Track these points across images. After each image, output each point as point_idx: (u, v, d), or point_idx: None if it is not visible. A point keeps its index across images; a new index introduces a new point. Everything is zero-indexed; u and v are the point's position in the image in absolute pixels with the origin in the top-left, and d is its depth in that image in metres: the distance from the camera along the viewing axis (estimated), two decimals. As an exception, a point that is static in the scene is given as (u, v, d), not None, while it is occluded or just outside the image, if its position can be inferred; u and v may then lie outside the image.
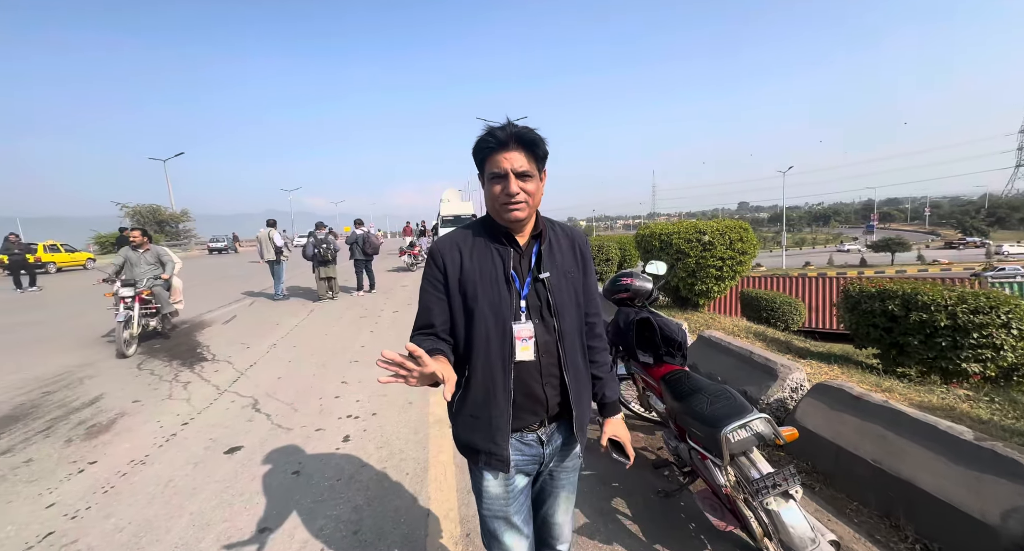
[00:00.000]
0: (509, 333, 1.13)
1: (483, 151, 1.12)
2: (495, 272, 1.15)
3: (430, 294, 1.18)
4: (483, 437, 1.16)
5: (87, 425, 3.40)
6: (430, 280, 1.19)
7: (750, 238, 6.58)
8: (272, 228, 9.63)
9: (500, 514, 1.22)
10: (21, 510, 2.36)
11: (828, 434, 2.34)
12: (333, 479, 2.59)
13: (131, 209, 33.32)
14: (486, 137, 1.11)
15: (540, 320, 1.17)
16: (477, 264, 1.16)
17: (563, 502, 1.33)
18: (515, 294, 1.15)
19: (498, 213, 1.15)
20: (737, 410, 1.69)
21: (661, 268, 2.69)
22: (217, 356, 5.19)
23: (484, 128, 1.12)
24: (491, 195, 1.13)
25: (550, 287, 1.18)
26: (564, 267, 1.22)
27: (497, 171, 1.10)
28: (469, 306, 1.14)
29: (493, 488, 1.21)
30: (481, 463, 1.19)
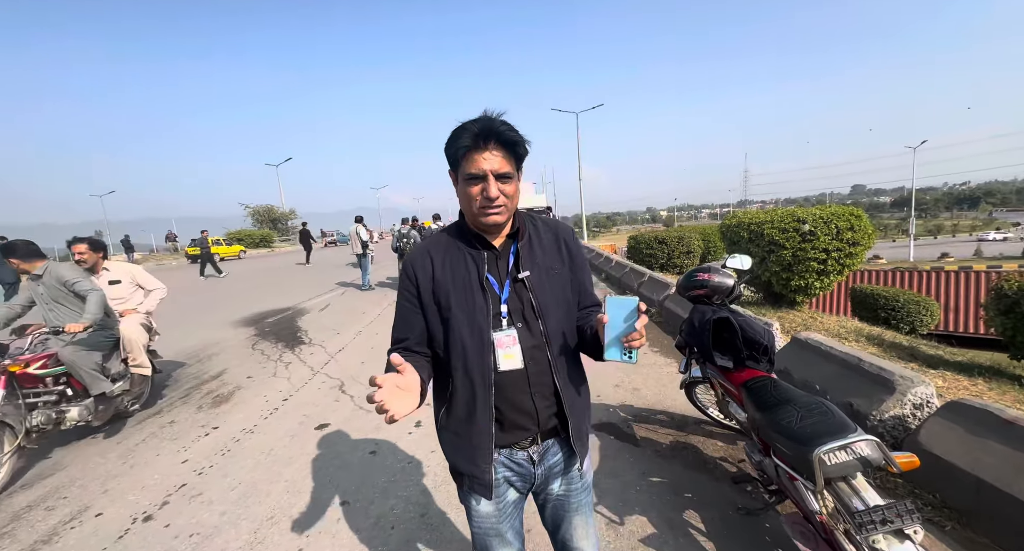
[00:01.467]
0: (488, 343, 1.04)
1: (458, 148, 1.00)
2: (469, 278, 1.07)
3: (404, 306, 1.13)
4: (465, 458, 1.09)
5: (213, 395, 4.02)
6: (403, 292, 1.13)
7: (863, 226, 5.65)
8: (360, 224, 10.51)
9: (492, 532, 1.15)
10: (164, 462, 2.87)
11: (965, 463, 1.92)
12: (405, 462, 2.75)
13: (252, 209, 38.72)
14: (462, 133, 0.99)
15: (524, 324, 1.07)
16: (450, 271, 1.08)
17: (579, 527, 1.22)
18: (493, 299, 1.07)
19: (474, 217, 1.05)
20: (835, 428, 1.44)
21: (745, 262, 2.40)
22: (313, 340, 5.81)
23: (459, 122, 1.01)
24: (467, 197, 1.03)
25: (531, 287, 1.08)
26: (546, 263, 1.12)
27: (475, 172, 0.99)
28: (444, 316, 1.07)
29: (484, 506, 1.13)
30: (465, 486, 1.12)
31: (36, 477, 2.76)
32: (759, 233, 5.98)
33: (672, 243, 11.67)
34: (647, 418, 3.16)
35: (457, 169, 1.04)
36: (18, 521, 2.34)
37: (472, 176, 1.00)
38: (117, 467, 2.83)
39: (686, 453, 2.67)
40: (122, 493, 2.54)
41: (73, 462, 2.92)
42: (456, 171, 1.05)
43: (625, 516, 2.15)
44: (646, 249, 11.83)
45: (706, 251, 12.95)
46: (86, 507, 2.43)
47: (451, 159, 1.04)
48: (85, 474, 2.77)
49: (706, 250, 12.93)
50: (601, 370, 4.14)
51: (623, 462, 2.61)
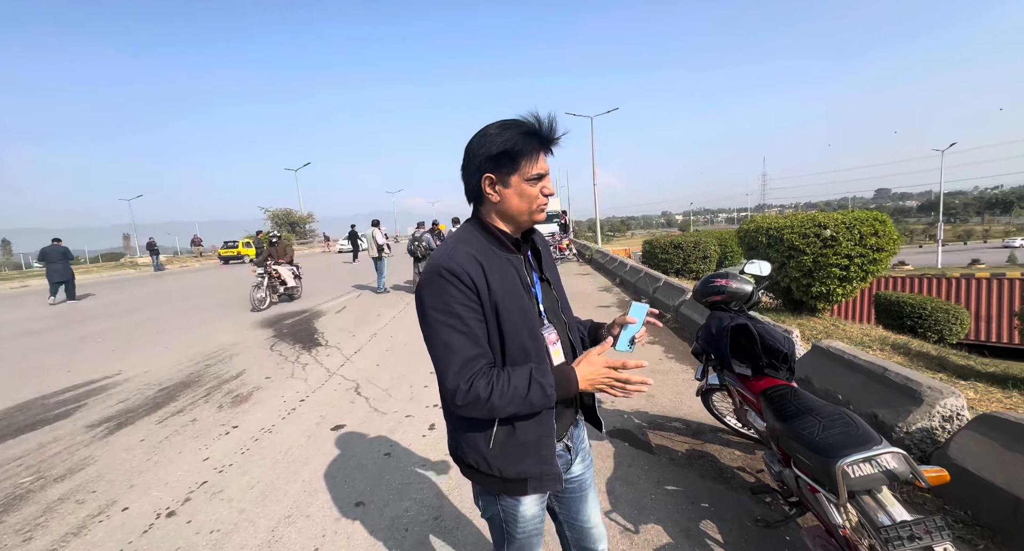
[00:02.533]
0: (543, 344, 1.07)
1: (526, 147, 1.00)
2: (515, 282, 1.06)
3: (471, 318, 0.99)
4: (534, 461, 1.06)
5: (233, 395, 4.11)
6: (463, 303, 0.98)
7: (888, 232, 5.50)
8: (376, 228, 10.67)
9: (535, 532, 1.19)
10: (186, 459, 2.94)
11: (1000, 480, 1.84)
12: (419, 464, 2.77)
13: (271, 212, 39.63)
14: (527, 134, 1.00)
15: (556, 320, 1.15)
16: (499, 276, 1.03)
17: (594, 504, 1.30)
18: (534, 300, 1.10)
19: (530, 215, 1.06)
20: (859, 439, 1.40)
21: (764, 268, 2.36)
22: (329, 342, 5.91)
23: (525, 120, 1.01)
24: (528, 196, 1.03)
25: (554, 285, 1.17)
26: (549, 264, 1.21)
27: (542, 172, 1.03)
28: (502, 322, 1.02)
29: (530, 509, 1.14)
30: (530, 489, 1.08)
31: (68, 471, 2.87)
32: (779, 238, 5.87)
33: (688, 248, 11.53)
34: (662, 425, 3.11)
35: (510, 169, 1.01)
36: (51, 513, 2.43)
37: (540, 175, 1.03)
38: (142, 463, 2.92)
39: (703, 462, 2.62)
40: (147, 489, 2.62)
41: (102, 457, 3.03)
42: (506, 171, 1.02)
43: (640, 524, 2.12)
44: (661, 254, 11.71)
45: (723, 256, 12.75)
46: (113, 501, 2.51)
47: (504, 157, 1.00)
48: (113, 469, 2.86)
49: (723, 255, 12.73)
50: (615, 376, 4.11)
51: (638, 470, 2.58)
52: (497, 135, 1.00)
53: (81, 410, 3.91)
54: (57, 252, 11.16)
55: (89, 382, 4.67)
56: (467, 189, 1.09)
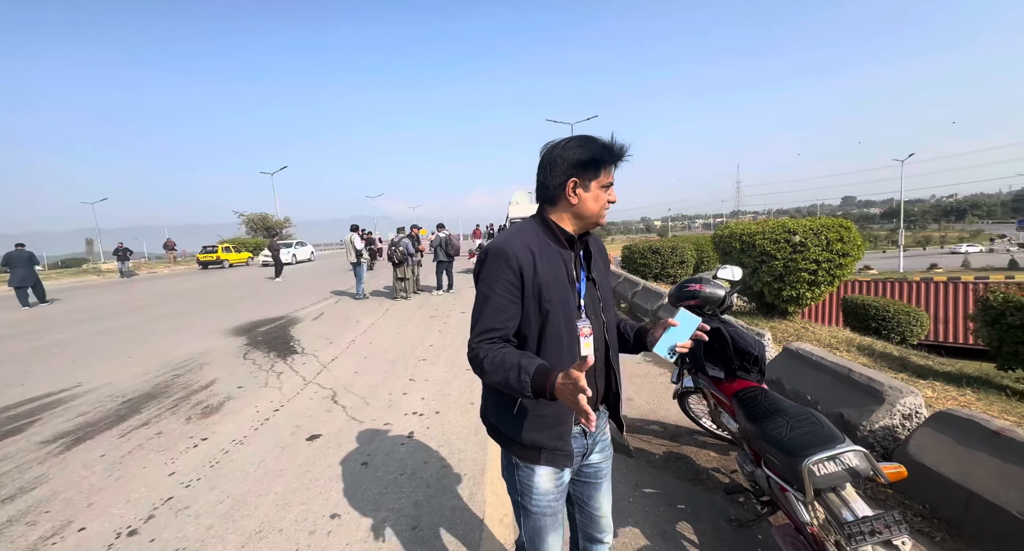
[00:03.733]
0: (575, 334, 1.20)
1: (608, 159, 1.18)
2: (561, 273, 1.20)
3: (503, 297, 1.15)
4: (550, 435, 1.20)
5: (202, 406, 3.96)
6: (503, 282, 1.15)
7: (853, 238, 5.76)
8: (354, 233, 10.51)
9: (549, 510, 1.26)
10: (151, 474, 2.81)
11: (954, 474, 1.94)
12: (397, 473, 2.72)
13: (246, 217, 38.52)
14: (607, 149, 1.17)
15: (595, 316, 1.26)
16: (548, 266, 1.18)
17: (606, 494, 1.39)
18: (576, 294, 1.23)
19: (596, 216, 1.22)
20: (824, 439, 1.46)
21: (736, 273, 2.44)
22: (305, 350, 5.76)
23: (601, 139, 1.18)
24: (598, 200, 1.20)
25: (599, 284, 1.29)
26: (601, 268, 1.33)
27: (611, 181, 1.21)
28: (544, 307, 1.16)
29: (545, 483, 1.24)
30: (543, 460, 1.22)
31: (18, 490, 2.69)
32: (751, 244, 6.07)
33: (666, 253, 11.77)
34: (641, 428, 3.15)
35: (592, 175, 1.18)
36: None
37: (610, 184, 1.21)
38: (102, 480, 2.77)
39: (679, 464, 2.66)
40: (107, 507, 2.48)
41: (57, 475, 2.86)
42: (588, 177, 1.18)
43: (618, 527, 2.13)
44: (640, 259, 11.91)
45: (699, 261, 13.06)
46: (69, 521, 2.37)
47: (590, 164, 1.17)
48: (69, 487, 2.70)
49: (699, 260, 13.04)
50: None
51: (617, 473, 2.60)
52: (583, 146, 1.17)
53: (35, 425, 3.68)
54: (22, 257, 10.86)
55: (45, 395, 4.41)
56: (546, 190, 1.23)
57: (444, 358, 5.10)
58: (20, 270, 10.77)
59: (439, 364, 4.90)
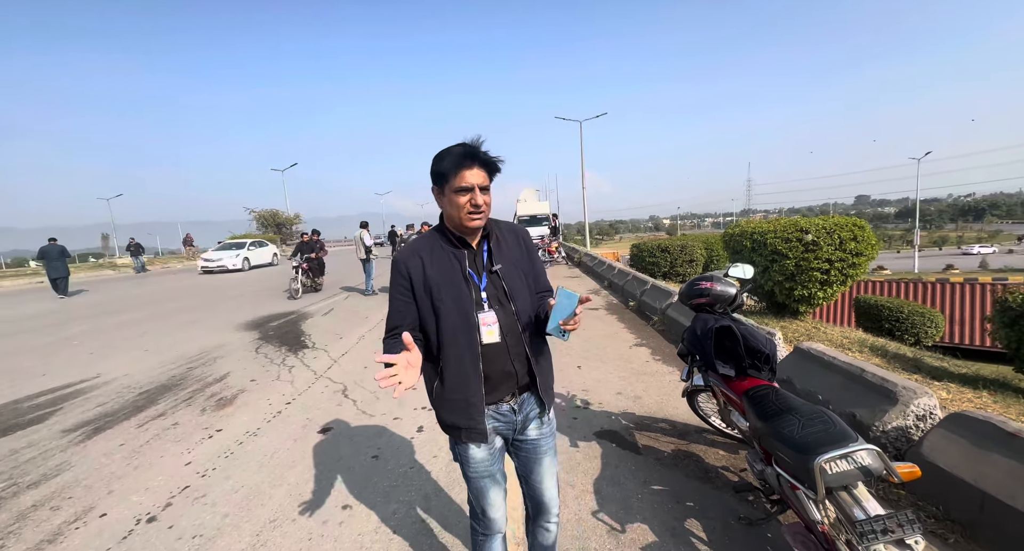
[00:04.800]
0: (474, 322, 1.30)
1: (451, 166, 1.24)
2: (454, 272, 1.31)
3: (398, 299, 1.34)
4: (463, 416, 1.33)
5: (217, 398, 4.04)
6: (397, 287, 1.34)
7: (866, 237, 5.66)
8: (364, 229, 10.59)
9: (486, 474, 1.42)
10: (168, 464, 2.88)
11: (968, 476, 1.92)
12: (407, 466, 2.76)
13: (257, 213, 38.99)
14: (447, 154, 1.25)
15: (500, 306, 1.35)
16: (437, 267, 1.31)
17: (548, 467, 1.50)
18: (474, 288, 1.33)
19: (461, 221, 1.29)
20: (836, 437, 1.45)
21: (747, 271, 2.42)
22: (316, 344, 5.84)
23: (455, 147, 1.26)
24: (456, 205, 1.26)
25: (503, 276, 1.37)
26: (512, 258, 1.41)
27: (465, 185, 1.24)
28: (436, 305, 1.30)
29: (477, 453, 1.40)
30: (463, 438, 1.37)
31: (42, 477, 2.78)
32: (762, 242, 6.00)
33: (675, 251, 11.68)
34: (649, 426, 3.16)
35: (444, 184, 1.27)
36: (24, 520, 2.36)
37: (463, 188, 1.25)
38: (122, 468, 2.85)
39: (688, 462, 2.66)
40: (126, 494, 2.55)
41: (79, 462, 2.95)
42: (442, 185, 1.28)
43: (627, 524, 2.15)
44: (649, 257, 11.84)
45: (709, 260, 12.95)
46: (91, 507, 2.44)
47: (439, 175, 1.28)
48: (91, 474, 2.79)
49: (709, 259, 12.93)
50: (603, 378, 4.15)
51: (625, 470, 2.61)
52: (435, 160, 1.28)
53: (57, 414, 3.80)
54: (55, 251, 12.13)
55: (66, 385, 4.53)
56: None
57: (453, 354, 5.14)
58: (55, 262, 11.92)
59: (448, 360, 4.94)
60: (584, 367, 4.50)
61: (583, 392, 3.84)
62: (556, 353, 3.59)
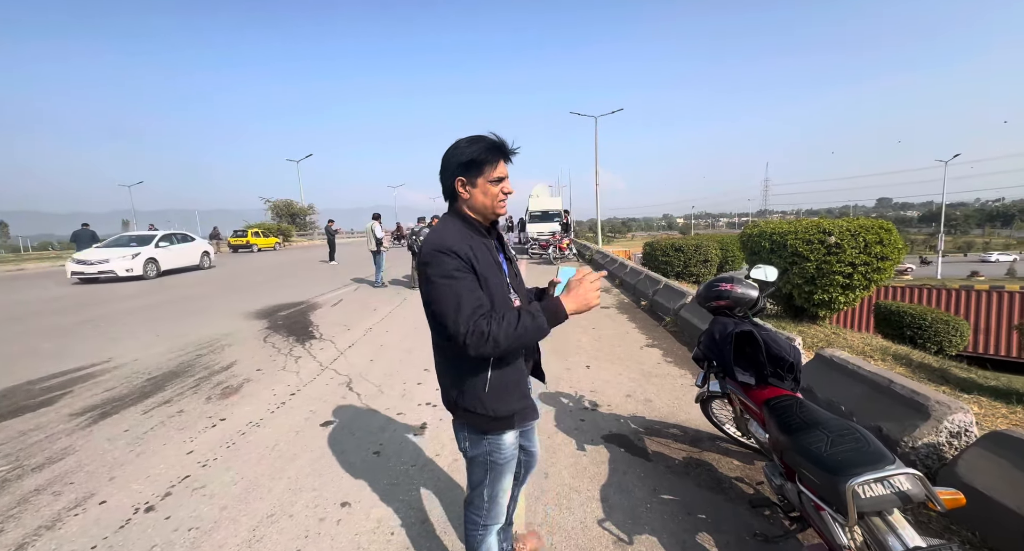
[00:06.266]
0: (511, 305, 1.35)
1: (489, 156, 1.30)
2: (491, 260, 1.35)
3: (466, 280, 1.25)
4: (518, 397, 1.39)
5: (222, 386, 4.03)
6: (460, 270, 1.25)
7: (893, 241, 5.42)
8: (376, 221, 10.57)
9: (513, 457, 1.47)
10: (170, 452, 2.86)
11: (1010, 501, 1.77)
12: (408, 464, 2.70)
13: (272, 203, 39.50)
14: (490, 147, 1.30)
15: (519, 291, 1.46)
16: (481, 255, 1.31)
17: (535, 431, 1.73)
18: (503, 274, 1.39)
19: (492, 209, 1.36)
20: (871, 457, 1.33)
21: (771, 274, 2.29)
22: (324, 335, 5.82)
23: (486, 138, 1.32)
24: (491, 194, 1.34)
25: (514, 264, 1.50)
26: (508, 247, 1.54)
27: (501, 175, 1.33)
28: (489, 291, 1.30)
29: (509, 437, 1.44)
30: (517, 422, 1.40)
31: (47, 460, 2.79)
32: (782, 244, 5.80)
33: (689, 251, 11.44)
34: (659, 431, 3.04)
35: (477, 173, 1.31)
36: (25, 504, 2.35)
37: (500, 178, 1.33)
38: (124, 455, 2.84)
39: (700, 470, 2.55)
40: (127, 481, 2.54)
41: (83, 447, 2.95)
42: (474, 175, 1.31)
43: (634, 535, 2.05)
44: (662, 256, 11.63)
45: (723, 260, 12.67)
46: (91, 494, 2.43)
47: (473, 164, 1.30)
48: (93, 460, 2.78)
49: (723, 259, 12.65)
50: (612, 379, 4.04)
51: (633, 477, 2.51)
52: (468, 147, 1.30)
53: (66, 398, 3.83)
54: (87, 234, 12.98)
55: (77, 368, 4.58)
56: (445, 189, 1.38)
57: (459, 349, 5.06)
58: (86, 246, 12.54)
59: (454, 355, 4.86)
60: (593, 367, 4.39)
61: (591, 393, 3.73)
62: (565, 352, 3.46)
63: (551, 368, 4.22)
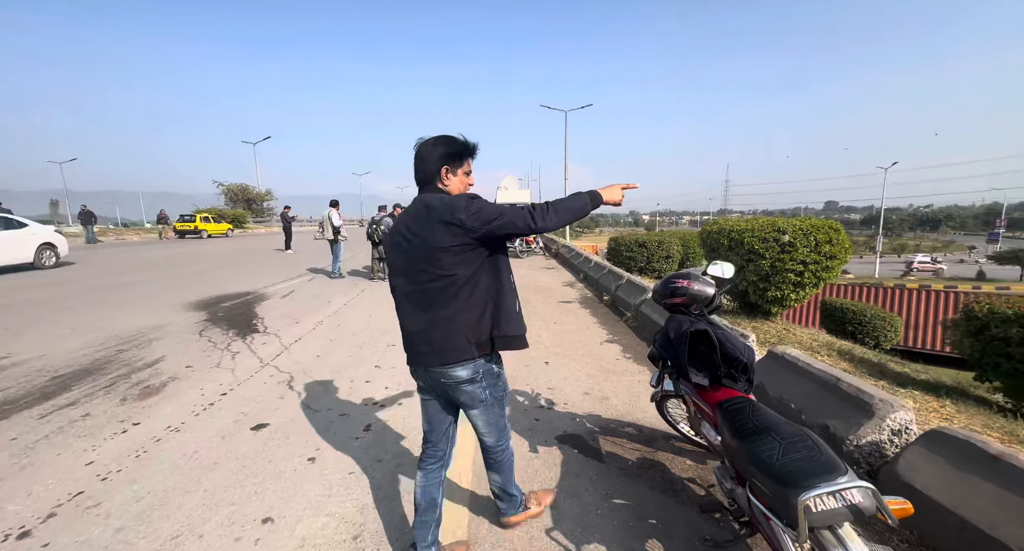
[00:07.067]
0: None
1: (467, 153, 1.61)
2: None
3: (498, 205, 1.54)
4: (522, 324, 1.66)
5: (142, 386, 3.61)
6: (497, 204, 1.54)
7: (841, 241, 5.64)
8: (333, 209, 10.02)
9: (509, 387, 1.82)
10: (64, 464, 2.49)
11: (947, 500, 1.78)
12: (346, 472, 2.47)
13: (226, 187, 37.08)
14: (467, 145, 1.60)
15: None
16: None
17: None
18: None
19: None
20: (823, 468, 1.25)
21: (727, 270, 2.22)
22: (268, 329, 5.41)
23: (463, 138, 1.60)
24: (463, 183, 1.63)
25: None
26: None
27: (470, 169, 1.65)
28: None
29: (505, 371, 1.77)
30: (522, 344, 1.63)
31: (-95, 477, 2.35)
32: (739, 241, 5.90)
33: (652, 247, 11.62)
34: (615, 431, 2.96)
35: (458, 165, 1.59)
36: None
37: (468, 171, 1.64)
38: (6, 469, 2.44)
39: (653, 472, 2.48)
40: (2, 502, 2.17)
41: (-44, 460, 2.52)
42: (456, 166, 1.59)
43: (582, 545, 1.93)
44: (626, 252, 11.75)
45: (685, 256, 12.98)
46: (-45, 517, 2.05)
47: (457, 156, 1.58)
48: (-34, 475, 2.37)
49: (685, 256, 12.96)
50: (571, 376, 3.94)
51: (585, 480, 2.40)
52: (450, 143, 1.57)
53: (-54, 401, 3.30)
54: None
55: (-33, 367, 3.99)
56: (425, 175, 1.57)
57: (414, 345, 4.82)
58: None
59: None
60: (552, 363, 4.29)
61: (549, 390, 3.62)
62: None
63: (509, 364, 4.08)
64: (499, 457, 1.84)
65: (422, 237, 1.48)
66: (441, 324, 1.52)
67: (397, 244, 1.57)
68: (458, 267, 1.47)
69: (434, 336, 1.54)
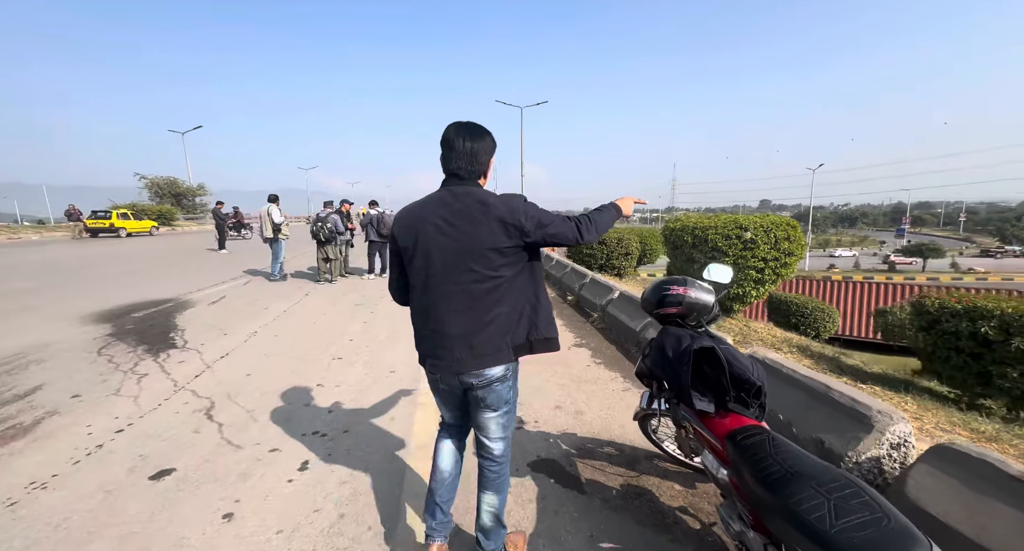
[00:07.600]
0: None
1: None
2: None
3: None
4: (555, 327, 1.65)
5: (6, 426, 2.86)
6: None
7: (798, 238, 5.75)
8: (273, 204, 9.07)
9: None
10: None
11: (967, 528, 1.61)
12: (272, 530, 1.97)
13: (149, 180, 33.48)
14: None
15: None
16: None
17: None
18: None
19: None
20: (902, 543, 0.97)
21: (726, 275, 1.96)
22: (188, 343, 4.64)
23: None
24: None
25: None
26: None
27: None
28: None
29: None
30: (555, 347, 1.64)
31: None
32: (703, 239, 5.86)
33: (611, 244, 11.60)
34: (592, 452, 2.66)
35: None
36: None
37: None
38: None
39: (639, 502, 2.19)
40: None
41: None
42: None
43: (570, 612, 1.59)
44: (585, 249, 11.63)
45: (643, 253, 13.13)
46: None
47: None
48: None
49: (643, 252, 13.11)
50: (540, 386, 3.61)
51: (566, 518, 2.07)
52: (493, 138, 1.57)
53: None
54: None
55: None
56: (477, 165, 1.50)
57: (364, 357, 4.29)
58: None
59: (356, 365, 4.08)
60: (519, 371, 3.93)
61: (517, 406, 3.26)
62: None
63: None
64: (502, 470, 1.70)
65: (473, 235, 1.39)
66: (484, 327, 1.46)
67: (433, 240, 1.43)
68: (506, 268, 1.44)
69: (476, 340, 1.47)
